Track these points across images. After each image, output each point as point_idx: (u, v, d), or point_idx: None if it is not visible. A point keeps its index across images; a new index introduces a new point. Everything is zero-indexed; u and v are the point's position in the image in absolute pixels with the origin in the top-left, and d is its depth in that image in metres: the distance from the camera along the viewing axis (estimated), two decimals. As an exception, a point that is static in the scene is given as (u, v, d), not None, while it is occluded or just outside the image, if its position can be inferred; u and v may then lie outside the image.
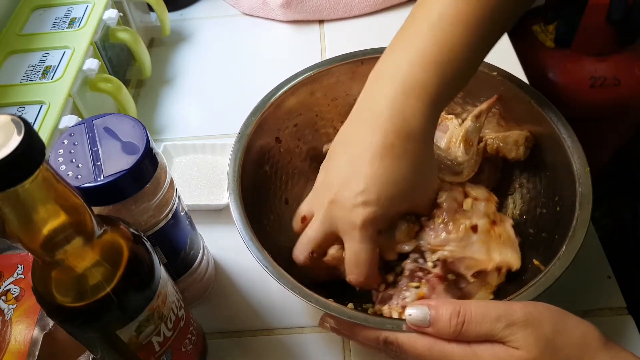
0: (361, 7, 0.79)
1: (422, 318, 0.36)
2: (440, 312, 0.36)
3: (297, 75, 0.54)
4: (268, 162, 0.54)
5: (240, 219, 0.45)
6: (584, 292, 0.51)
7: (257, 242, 0.43)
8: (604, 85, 0.87)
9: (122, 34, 0.66)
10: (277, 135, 0.55)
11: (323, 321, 0.42)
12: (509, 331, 0.34)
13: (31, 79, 0.57)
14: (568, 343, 0.34)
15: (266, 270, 0.42)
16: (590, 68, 0.90)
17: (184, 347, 0.42)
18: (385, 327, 0.38)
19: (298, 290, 0.41)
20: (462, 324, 0.35)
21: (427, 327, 0.36)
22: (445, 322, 0.35)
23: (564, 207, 0.46)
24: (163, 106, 0.72)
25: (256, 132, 0.51)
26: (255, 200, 0.50)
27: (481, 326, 0.35)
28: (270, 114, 0.53)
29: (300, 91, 0.55)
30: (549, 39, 1.00)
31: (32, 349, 0.40)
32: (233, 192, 0.47)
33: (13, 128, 0.25)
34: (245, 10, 0.83)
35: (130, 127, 0.39)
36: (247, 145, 0.50)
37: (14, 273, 0.44)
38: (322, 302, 0.40)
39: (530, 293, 0.39)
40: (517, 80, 0.52)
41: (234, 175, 0.48)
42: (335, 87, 0.56)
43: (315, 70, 0.55)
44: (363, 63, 0.56)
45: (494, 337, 0.35)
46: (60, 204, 0.29)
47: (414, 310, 0.37)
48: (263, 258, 0.43)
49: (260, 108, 0.52)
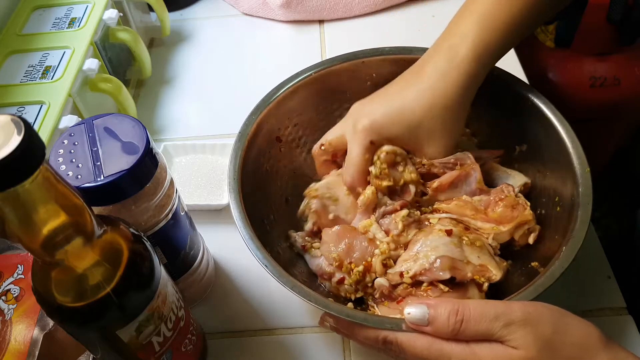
0: (361, 7, 0.79)
1: (421, 317, 0.36)
2: (439, 311, 0.36)
3: (298, 74, 0.55)
4: (268, 162, 0.54)
5: (240, 217, 0.45)
6: (584, 292, 0.51)
7: (257, 241, 0.43)
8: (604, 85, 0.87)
9: (122, 34, 0.66)
10: (277, 135, 0.55)
11: (323, 320, 0.42)
12: (507, 330, 0.34)
13: (31, 79, 0.57)
14: (568, 343, 0.34)
15: (266, 269, 0.42)
16: (590, 68, 0.90)
17: (184, 347, 0.42)
18: (384, 327, 0.38)
19: (298, 289, 0.41)
20: (460, 322, 0.35)
21: (426, 326, 0.36)
22: (443, 320, 0.35)
23: (564, 207, 0.46)
24: (163, 106, 0.72)
25: (257, 131, 0.51)
26: (255, 199, 0.50)
27: (480, 325, 0.35)
28: (271, 113, 0.53)
29: (301, 90, 0.55)
30: (549, 39, 1.00)
31: (32, 349, 0.40)
32: (233, 190, 0.47)
33: (13, 128, 0.25)
34: (245, 10, 0.83)
35: (130, 127, 0.39)
36: (247, 145, 0.50)
37: (14, 273, 0.44)
38: (321, 302, 0.40)
39: (530, 293, 0.39)
40: (516, 80, 0.52)
41: (235, 174, 0.48)
42: (336, 86, 0.56)
43: (316, 70, 0.55)
44: (364, 63, 0.56)
45: (493, 336, 0.35)
46: (60, 204, 0.29)
47: (413, 309, 0.37)
48: (262, 257, 0.43)
49: (260, 107, 0.52)
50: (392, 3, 0.80)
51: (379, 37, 0.76)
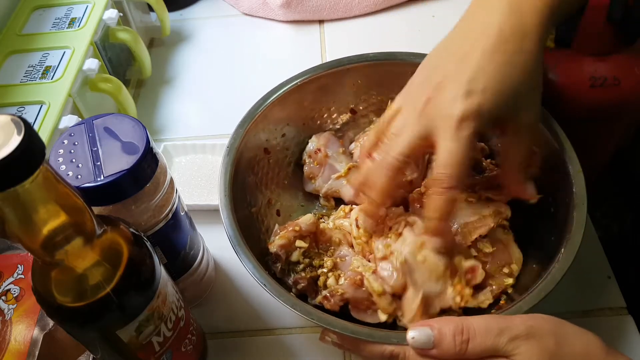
0: (361, 7, 0.79)
1: (426, 340, 0.35)
2: (444, 332, 0.35)
3: (283, 84, 0.54)
4: (257, 174, 0.53)
5: (234, 235, 0.44)
6: (584, 292, 0.50)
7: (254, 260, 0.43)
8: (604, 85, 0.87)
9: (122, 34, 0.66)
10: (265, 147, 0.54)
11: (324, 336, 0.41)
12: (512, 345, 0.34)
13: (31, 79, 0.57)
14: (570, 353, 0.34)
15: (265, 288, 0.41)
16: (590, 68, 0.90)
17: (184, 347, 0.42)
18: (390, 341, 0.37)
19: (299, 307, 0.40)
20: (467, 342, 0.34)
21: (432, 350, 0.35)
22: (449, 342, 0.34)
23: (559, 209, 0.45)
24: (163, 106, 0.72)
25: (244, 144, 0.51)
26: (247, 214, 0.49)
27: (485, 342, 0.34)
28: (258, 125, 0.52)
29: (287, 101, 0.54)
30: (549, 39, 1.00)
31: (32, 349, 0.40)
32: (226, 208, 0.46)
33: (13, 128, 0.25)
34: (245, 10, 0.83)
35: (130, 127, 0.39)
36: (236, 158, 0.49)
37: (14, 273, 0.44)
38: (324, 319, 0.39)
39: (533, 298, 0.39)
40: None
41: (225, 190, 0.47)
42: (321, 95, 0.56)
43: (302, 79, 0.54)
44: (349, 70, 0.55)
45: (498, 352, 0.34)
46: (60, 204, 0.29)
47: (416, 332, 0.36)
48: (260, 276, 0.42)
49: (247, 120, 0.51)
50: (392, 3, 0.80)
51: (379, 37, 0.76)
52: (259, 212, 0.52)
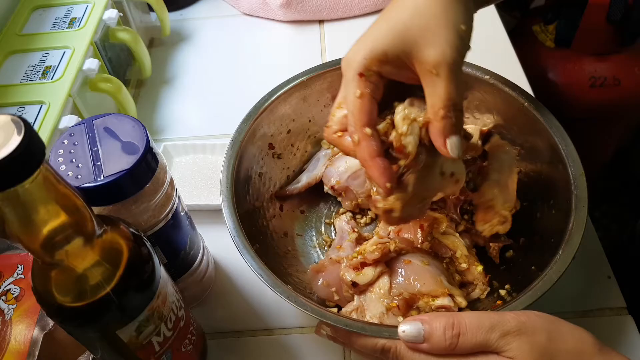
0: (361, 7, 0.79)
1: (416, 334, 0.35)
2: (434, 326, 0.35)
3: (290, 81, 0.54)
4: (262, 168, 0.54)
5: (234, 227, 0.45)
6: (584, 292, 0.50)
7: (251, 251, 0.43)
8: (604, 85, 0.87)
9: (122, 34, 0.66)
10: (270, 142, 0.55)
11: (319, 329, 0.41)
12: (503, 341, 0.34)
13: (31, 79, 0.57)
14: (563, 350, 0.34)
15: (261, 278, 0.42)
16: (590, 68, 0.90)
17: (184, 347, 0.42)
18: (382, 335, 0.38)
19: (294, 298, 0.40)
20: (457, 336, 0.34)
21: (422, 344, 0.35)
22: (439, 335, 0.35)
23: (560, 211, 0.45)
24: (163, 106, 0.72)
25: (249, 138, 0.51)
26: (250, 208, 0.49)
27: (476, 337, 0.34)
28: (263, 121, 0.53)
29: (293, 97, 0.55)
30: (549, 39, 1.00)
31: (32, 349, 0.40)
32: (227, 199, 0.46)
33: (13, 128, 0.25)
34: (245, 10, 0.83)
35: (130, 127, 0.39)
36: (239, 152, 0.50)
37: (14, 273, 0.44)
38: (317, 311, 0.40)
39: (528, 298, 0.39)
40: (511, 84, 0.51)
41: (227, 182, 0.47)
42: (327, 92, 0.56)
43: (307, 76, 0.55)
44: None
45: (489, 347, 0.34)
46: (60, 204, 0.29)
47: (407, 326, 0.36)
48: (257, 267, 0.42)
49: (252, 115, 0.52)
50: (392, 3, 0.80)
51: (379, 37, 0.76)
52: (261, 206, 0.53)
